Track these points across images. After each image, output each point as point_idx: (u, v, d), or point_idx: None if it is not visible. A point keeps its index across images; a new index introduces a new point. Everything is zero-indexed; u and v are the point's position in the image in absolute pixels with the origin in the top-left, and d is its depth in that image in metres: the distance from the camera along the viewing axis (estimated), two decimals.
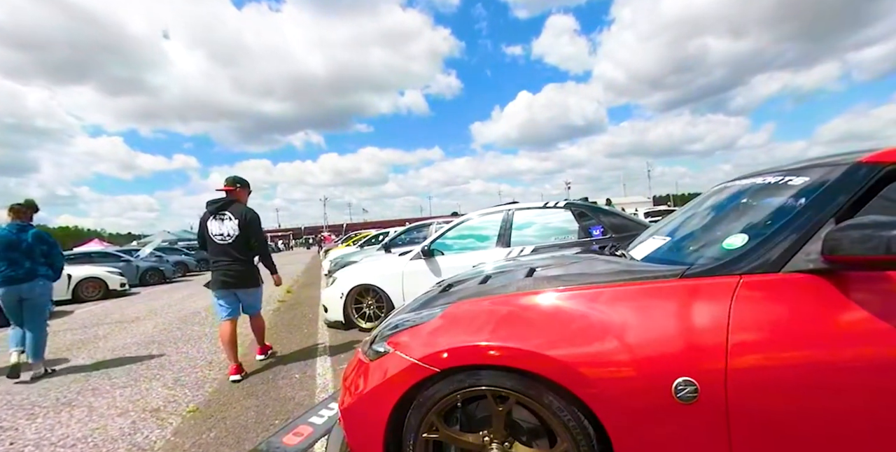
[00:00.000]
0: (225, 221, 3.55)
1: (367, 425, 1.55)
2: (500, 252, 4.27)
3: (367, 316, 4.77)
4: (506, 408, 1.40)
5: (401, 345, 1.56)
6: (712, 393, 1.17)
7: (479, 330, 1.45)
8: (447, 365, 1.39)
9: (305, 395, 2.97)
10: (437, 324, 1.58)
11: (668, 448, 1.23)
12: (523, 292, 1.59)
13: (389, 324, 1.82)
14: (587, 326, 1.34)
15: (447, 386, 1.42)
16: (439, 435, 1.49)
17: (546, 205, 4.48)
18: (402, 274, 4.53)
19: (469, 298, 1.69)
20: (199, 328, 5.72)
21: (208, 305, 7.81)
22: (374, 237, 12.48)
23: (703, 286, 1.32)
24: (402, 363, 1.48)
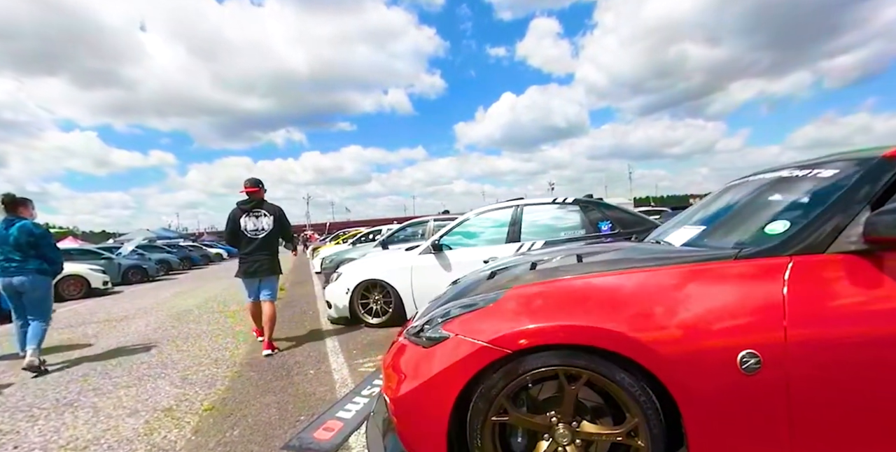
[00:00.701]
0: (260, 218, 4.01)
1: (428, 412, 1.51)
2: (510, 247, 4.23)
3: (374, 312, 4.65)
4: (577, 387, 1.41)
5: (464, 330, 1.54)
6: (774, 364, 1.25)
7: (550, 311, 1.48)
8: (520, 347, 1.39)
9: (326, 391, 2.85)
10: (502, 308, 1.56)
11: (733, 416, 1.29)
12: (586, 275, 1.62)
13: (440, 312, 1.78)
14: (655, 305, 1.40)
15: (519, 368, 1.41)
16: (509, 418, 1.46)
17: (555, 201, 4.47)
18: (412, 269, 4.44)
19: (527, 283, 1.69)
20: (195, 326, 5.49)
21: (199, 303, 7.54)
22: (365, 235, 12.29)
23: (758, 266, 1.41)
24: (469, 347, 1.45)
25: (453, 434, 1.51)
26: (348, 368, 3.29)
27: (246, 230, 3.99)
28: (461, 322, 1.60)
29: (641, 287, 1.49)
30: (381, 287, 4.63)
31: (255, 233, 3.99)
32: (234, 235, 4.05)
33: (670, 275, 1.49)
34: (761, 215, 1.81)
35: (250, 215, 4.01)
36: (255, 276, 4.02)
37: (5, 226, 3.80)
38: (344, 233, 17.44)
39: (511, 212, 4.45)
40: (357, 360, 3.48)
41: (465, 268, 4.26)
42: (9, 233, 3.75)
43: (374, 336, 4.24)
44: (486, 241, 4.45)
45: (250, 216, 4.01)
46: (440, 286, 4.42)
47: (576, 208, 4.37)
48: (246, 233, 3.99)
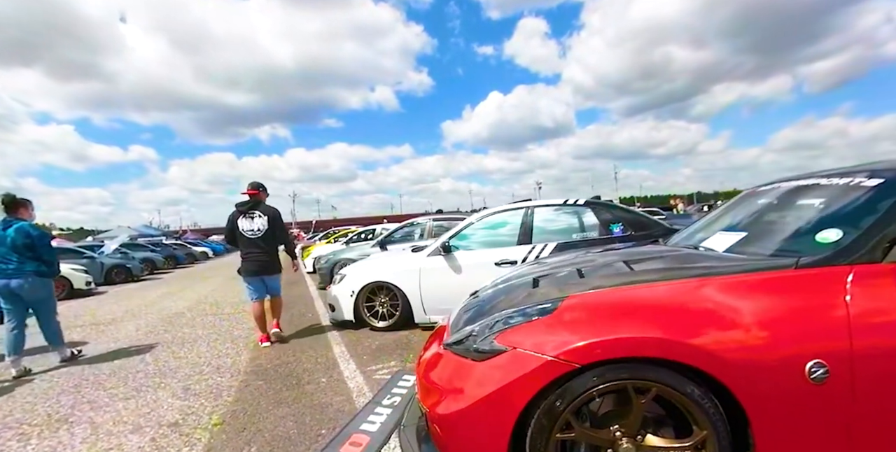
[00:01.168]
0: (255, 219, 4.15)
1: (485, 430, 1.43)
2: (522, 249, 4.12)
3: (380, 315, 4.49)
4: (647, 401, 1.36)
5: (523, 343, 1.46)
6: (841, 374, 1.25)
7: (616, 322, 1.42)
8: (590, 360, 1.33)
9: (343, 401, 2.69)
10: (563, 319, 1.50)
11: (801, 425, 1.29)
12: (645, 284, 1.58)
13: (487, 322, 1.68)
14: (723, 315, 1.37)
15: (587, 382, 1.35)
16: (575, 434, 1.41)
17: (566, 203, 4.37)
18: (420, 271, 4.29)
19: (583, 292, 1.60)
20: (189, 330, 5.23)
21: (190, 305, 7.24)
22: (358, 234, 12.06)
23: (819, 275, 1.40)
24: (533, 361, 1.38)
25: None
26: (362, 376, 3.12)
27: (243, 230, 4.15)
28: (517, 334, 1.51)
29: (706, 296, 1.44)
30: (387, 289, 4.46)
31: (252, 234, 4.15)
32: (232, 235, 4.23)
33: (733, 285, 1.46)
34: (808, 223, 1.80)
35: (246, 216, 4.17)
36: (258, 275, 4.20)
37: (3, 226, 3.71)
38: (335, 232, 17.13)
39: (521, 214, 4.33)
40: (369, 367, 3.32)
41: (475, 271, 4.15)
42: (6, 234, 3.66)
43: (381, 340, 4.08)
44: (497, 243, 4.33)
45: (246, 217, 4.17)
46: (450, 288, 4.30)
47: (587, 210, 4.28)
48: (243, 234, 4.15)
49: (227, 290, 9.01)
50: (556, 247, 4.04)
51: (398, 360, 3.43)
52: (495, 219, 4.47)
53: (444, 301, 4.23)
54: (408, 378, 3.00)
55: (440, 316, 4.31)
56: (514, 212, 4.40)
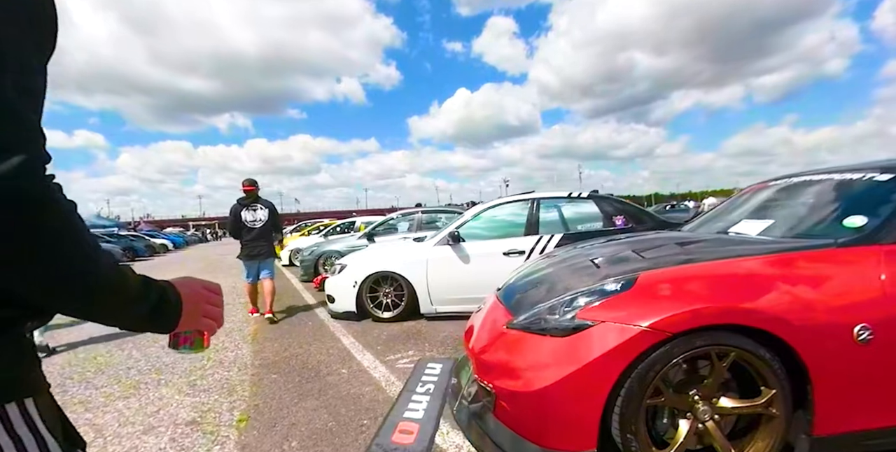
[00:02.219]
0: (257, 211, 4.61)
1: (580, 401, 1.48)
2: (530, 239, 4.09)
3: (385, 306, 4.32)
4: (727, 365, 1.45)
5: (611, 316, 1.51)
6: (883, 336, 1.40)
7: (698, 294, 1.52)
8: (680, 329, 1.40)
9: (373, 391, 2.54)
10: (644, 293, 1.56)
11: (851, 382, 1.43)
12: (709, 262, 1.71)
13: (564, 300, 1.68)
14: (784, 286, 1.50)
15: (677, 349, 1.42)
16: (664, 399, 1.48)
17: (570, 195, 4.38)
18: (427, 261, 4.16)
19: (653, 269, 1.69)
20: None
21: None
22: (335, 227, 11.67)
23: (857, 253, 1.57)
24: (626, 332, 1.43)
25: None
26: (384, 366, 2.97)
27: (246, 221, 4.56)
28: (601, 309, 1.55)
29: (768, 270, 1.57)
30: (392, 279, 4.30)
31: (254, 224, 4.57)
32: (236, 226, 4.61)
33: (787, 260, 1.62)
34: (832, 211, 2.01)
35: (248, 209, 4.59)
36: (257, 259, 4.64)
37: None
38: (308, 225, 16.51)
39: (527, 205, 4.30)
40: (388, 357, 3.17)
41: (483, 260, 4.08)
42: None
43: (389, 331, 3.93)
44: (504, 234, 4.27)
45: (248, 209, 4.59)
46: (458, 278, 4.20)
47: (590, 202, 4.31)
48: (246, 224, 4.57)
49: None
50: (563, 238, 4.04)
51: (415, 350, 3.30)
52: (501, 210, 4.41)
53: (452, 291, 4.13)
54: (433, 366, 2.83)
55: (448, 306, 4.22)
56: (520, 203, 4.36)
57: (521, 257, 4.02)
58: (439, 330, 3.84)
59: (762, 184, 2.86)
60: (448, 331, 3.76)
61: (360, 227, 11.28)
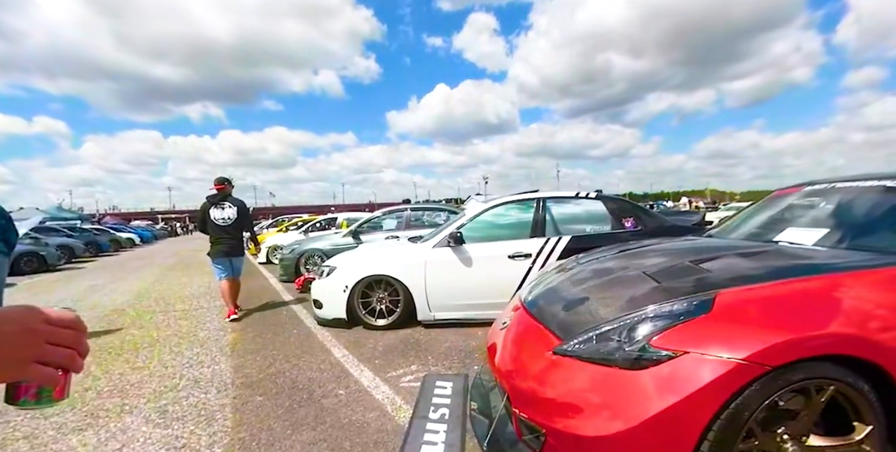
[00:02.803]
0: (226, 208, 4.61)
1: None
2: (536, 242, 3.80)
3: (378, 313, 3.95)
4: (825, 400, 1.26)
5: (693, 345, 1.25)
6: None
7: (793, 319, 1.28)
8: (782, 361, 1.19)
9: (378, 416, 2.20)
10: (728, 317, 1.32)
11: None
12: (793, 279, 1.44)
13: (626, 323, 1.41)
14: (881, 308, 1.31)
15: (775, 385, 1.21)
16: (757, 443, 1.26)
17: (577, 195, 4.12)
18: (426, 264, 3.82)
19: (733, 288, 1.42)
20: (139, 331, 4.30)
21: (130, 301, 6.10)
22: (315, 223, 11.12)
23: None
24: (718, 365, 1.19)
25: None
26: (386, 384, 2.63)
27: (215, 219, 4.56)
28: (678, 335, 1.29)
29: (857, 290, 1.37)
30: (386, 284, 3.94)
31: (223, 221, 4.59)
32: (204, 223, 4.64)
33: (879, 279, 1.41)
34: (887, 221, 1.91)
35: (217, 207, 4.59)
36: (228, 257, 4.61)
37: None
38: (285, 220, 15.82)
39: (532, 205, 4.01)
40: (388, 373, 2.82)
41: (487, 264, 3.77)
42: None
43: (384, 340, 3.57)
44: (508, 235, 3.98)
45: (217, 207, 4.59)
46: (460, 283, 3.86)
47: (598, 203, 4.06)
48: (215, 222, 4.57)
49: (172, 282, 7.80)
50: (571, 241, 3.78)
51: (418, 364, 2.97)
52: (505, 210, 4.12)
53: (453, 296, 3.82)
54: (443, 384, 2.56)
55: (448, 313, 3.90)
56: (526, 203, 4.07)
57: (527, 261, 3.74)
58: (440, 340, 3.51)
59: (787, 190, 2.68)
60: (450, 341, 3.44)
61: (342, 224, 10.81)
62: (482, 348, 3.27)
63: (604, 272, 1.99)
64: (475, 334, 3.62)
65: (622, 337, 1.37)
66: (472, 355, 3.12)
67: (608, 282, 1.84)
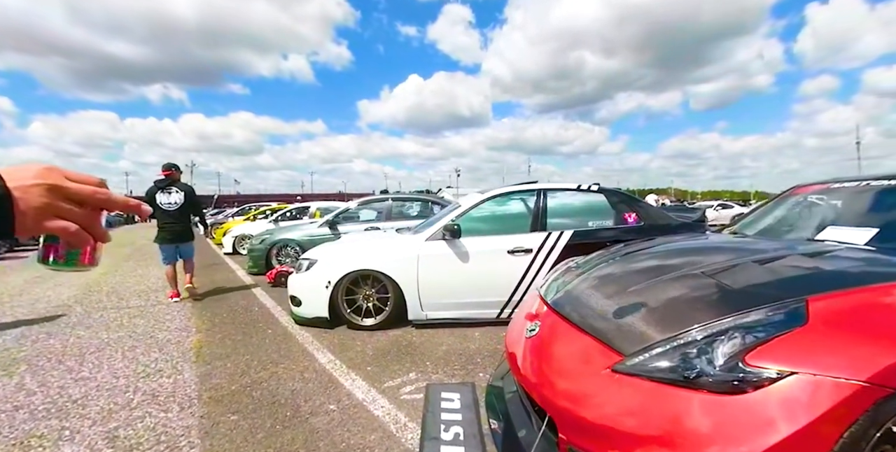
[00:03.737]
0: (172, 194, 4.58)
1: None
2: (537, 236, 3.53)
3: (365, 311, 3.57)
4: None
5: (797, 362, 1.02)
6: None
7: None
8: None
9: (381, 438, 1.85)
10: (828, 327, 1.09)
11: None
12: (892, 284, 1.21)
13: (709, 336, 1.14)
14: None
15: (891, 408, 0.99)
16: None
17: (579, 188, 3.86)
18: (418, 258, 3.46)
19: (825, 293, 1.17)
20: (86, 332, 3.71)
21: (78, 295, 5.40)
22: (286, 212, 10.45)
23: None
24: (836, 388, 0.97)
25: None
26: (384, 396, 2.28)
27: (161, 204, 4.55)
28: (775, 351, 1.05)
29: None
30: (374, 279, 3.56)
31: (169, 206, 4.58)
32: (150, 208, 4.19)
33: None
34: None
35: (164, 191, 4.58)
36: (174, 242, 4.68)
37: None
38: (252, 209, 14.91)
39: (532, 197, 3.73)
40: (385, 382, 2.47)
41: (485, 259, 3.47)
42: None
43: (374, 343, 3.21)
44: (506, 229, 3.68)
45: (164, 192, 4.58)
46: (455, 280, 3.51)
47: (600, 196, 3.83)
48: (161, 206, 4.56)
49: (126, 274, 7.04)
50: (573, 236, 3.53)
51: (416, 371, 2.63)
52: (503, 201, 3.82)
53: (447, 294, 3.50)
54: (449, 395, 2.24)
55: (441, 312, 3.56)
56: (524, 194, 3.79)
57: (527, 256, 3.47)
58: (435, 342, 3.19)
59: (809, 187, 2.53)
60: (447, 344, 3.13)
61: (315, 213, 10.21)
62: (482, 351, 2.98)
63: (651, 271, 1.72)
64: (472, 335, 3.32)
65: (705, 354, 1.11)
66: (473, 360, 2.81)
67: (662, 284, 1.56)
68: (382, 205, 6.57)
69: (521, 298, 3.47)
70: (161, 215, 4.59)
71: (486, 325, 3.53)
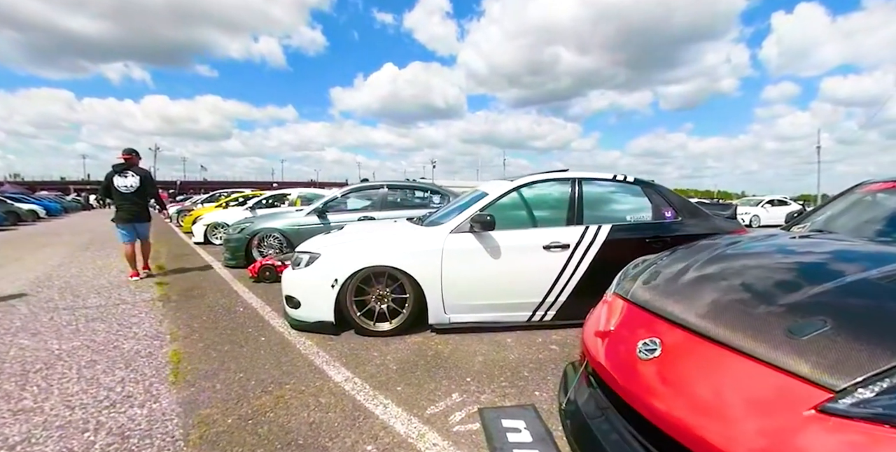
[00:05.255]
0: (128, 177, 4.84)
1: None
2: (574, 230, 3.07)
3: (378, 315, 3.01)
4: None
5: None
6: None
7: None
8: None
9: None
10: None
11: None
12: None
13: None
14: None
15: None
16: None
17: (615, 178, 3.43)
18: (442, 253, 2.93)
19: None
20: (31, 341, 2.93)
21: (27, 290, 4.48)
22: (263, 199, 9.54)
23: None
24: None
25: None
26: (433, 428, 1.75)
27: (118, 186, 4.76)
28: None
29: None
30: (390, 277, 2.99)
31: (126, 189, 4.78)
32: (108, 191, 4.83)
33: None
34: None
35: (121, 175, 4.77)
36: (131, 222, 4.87)
37: None
38: (225, 195, 13.74)
39: (568, 186, 3.26)
40: (426, 407, 1.94)
41: (518, 256, 2.98)
42: None
43: (393, 353, 2.67)
44: (540, 221, 3.21)
45: (121, 176, 4.77)
46: (484, 279, 2.91)
47: (637, 188, 3.41)
48: (119, 189, 4.76)
49: (84, 266, 6.06)
50: (612, 230, 3.10)
51: (458, 389, 2.12)
52: (536, 190, 3.32)
53: (475, 294, 3.00)
54: (513, 424, 1.76)
55: (467, 315, 3.03)
56: (559, 183, 3.31)
57: (564, 253, 3.01)
58: (466, 351, 2.68)
59: (885, 185, 2.20)
60: (481, 353, 2.63)
61: (295, 201, 9.38)
62: (525, 362, 2.49)
63: (798, 277, 1.28)
64: (505, 342, 2.84)
65: None
66: (519, 373, 2.34)
67: (837, 294, 1.13)
68: (376, 192, 5.92)
69: (555, 299, 3.02)
70: (118, 197, 4.78)
71: (515, 329, 3.06)
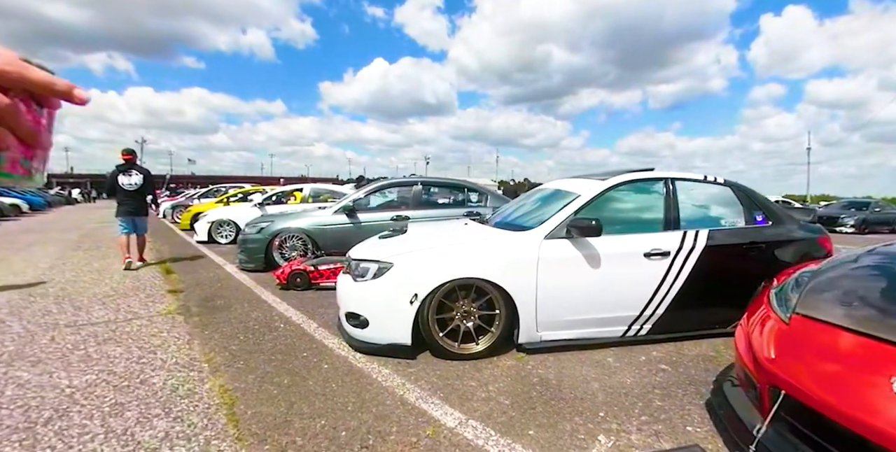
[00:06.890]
0: (132, 175, 5.05)
1: None
2: (672, 236, 2.60)
3: (463, 336, 2.44)
4: None
5: None
6: None
7: None
8: None
9: None
10: None
11: None
12: None
13: None
14: None
15: None
16: None
17: (706, 179, 2.97)
18: (537, 262, 2.39)
19: None
20: (32, 373, 2.21)
21: (15, 298, 3.64)
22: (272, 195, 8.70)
23: None
24: None
25: None
26: None
27: (123, 184, 4.99)
28: None
29: None
30: (477, 290, 2.43)
31: (130, 186, 5.01)
32: (113, 189, 5.04)
33: None
34: None
35: (125, 174, 5.01)
36: (132, 215, 5.09)
37: None
38: (225, 190, 12.68)
39: (661, 187, 2.77)
40: None
41: (618, 264, 2.47)
42: None
43: (493, 382, 2.12)
44: (635, 225, 2.71)
45: (125, 174, 5.00)
46: (582, 292, 2.34)
47: (728, 190, 2.96)
48: (123, 187, 4.99)
49: (79, 269, 5.17)
50: (709, 236, 2.64)
51: (598, 429, 1.60)
52: (628, 191, 2.81)
53: (571, 309, 2.48)
54: None
55: (558, 332, 2.50)
56: (652, 182, 2.82)
57: (664, 260, 2.53)
58: (572, 375, 2.17)
59: None
60: (592, 379, 2.12)
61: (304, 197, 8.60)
62: (649, 388, 1.99)
63: None
64: (606, 363, 2.35)
65: None
66: (651, 403, 1.85)
67: None
68: (409, 189, 5.29)
69: (652, 312, 2.54)
70: (122, 194, 5.00)
71: (607, 347, 2.57)
